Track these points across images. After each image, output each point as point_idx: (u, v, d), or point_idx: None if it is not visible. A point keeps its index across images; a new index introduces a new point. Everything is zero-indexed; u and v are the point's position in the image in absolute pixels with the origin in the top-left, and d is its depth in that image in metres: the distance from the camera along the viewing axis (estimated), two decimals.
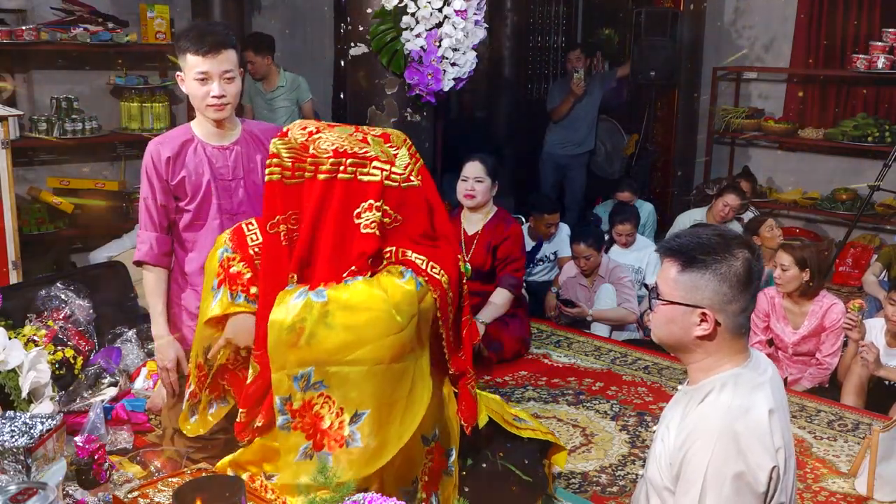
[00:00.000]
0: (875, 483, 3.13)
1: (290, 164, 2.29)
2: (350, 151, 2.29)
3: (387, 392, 2.21)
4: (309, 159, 2.28)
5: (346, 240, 2.27)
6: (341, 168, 2.27)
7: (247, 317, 2.42)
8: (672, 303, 1.82)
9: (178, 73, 2.89)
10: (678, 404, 1.90)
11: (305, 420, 2.20)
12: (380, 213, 2.28)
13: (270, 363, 2.22)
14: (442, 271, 2.34)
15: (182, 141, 2.91)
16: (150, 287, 2.98)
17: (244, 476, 2.38)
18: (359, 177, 2.28)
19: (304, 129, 2.36)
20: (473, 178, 4.30)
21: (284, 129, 2.39)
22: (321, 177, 2.27)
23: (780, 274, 4.21)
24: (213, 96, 2.81)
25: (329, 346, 2.17)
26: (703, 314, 1.79)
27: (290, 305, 2.19)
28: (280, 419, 2.21)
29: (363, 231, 2.26)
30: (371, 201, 2.27)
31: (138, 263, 2.98)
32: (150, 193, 2.89)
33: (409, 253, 2.33)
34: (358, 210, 2.27)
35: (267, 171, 2.31)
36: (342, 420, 2.18)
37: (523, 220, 5.60)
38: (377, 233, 2.27)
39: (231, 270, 2.45)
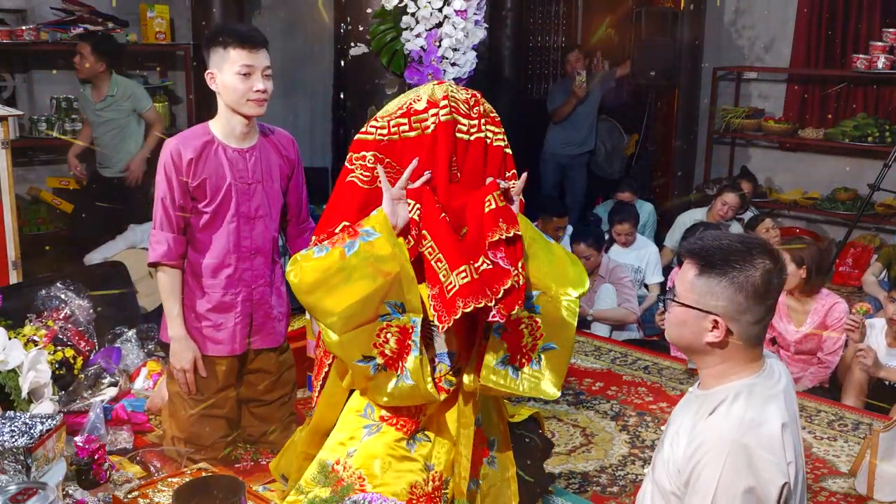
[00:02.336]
0: (875, 483, 3.13)
1: (459, 118, 2.36)
2: (499, 122, 2.47)
3: (572, 343, 2.43)
4: (482, 120, 2.40)
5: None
6: (500, 137, 2.44)
7: (386, 200, 2.31)
8: (685, 305, 1.80)
9: (208, 71, 2.85)
10: (689, 408, 1.87)
11: (510, 333, 2.34)
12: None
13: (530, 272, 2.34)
14: None
15: (203, 142, 2.87)
16: (167, 288, 2.95)
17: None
18: (505, 149, 2.45)
19: (466, 89, 2.44)
20: None
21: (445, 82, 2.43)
22: (480, 136, 2.40)
23: None
24: (257, 90, 2.80)
25: (551, 280, 2.36)
26: (715, 321, 1.76)
27: (532, 226, 2.41)
28: (496, 325, 2.32)
29: (515, 197, 2.43)
30: (514, 171, 2.48)
31: (153, 264, 2.94)
32: (169, 194, 2.85)
33: None
34: (508, 175, 2.47)
35: (442, 113, 2.32)
36: (537, 343, 2.36)
37: None
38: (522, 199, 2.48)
39: (339, 230, 2.34)
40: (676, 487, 1.80)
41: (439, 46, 3.92)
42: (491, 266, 2.24)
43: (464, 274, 2.23)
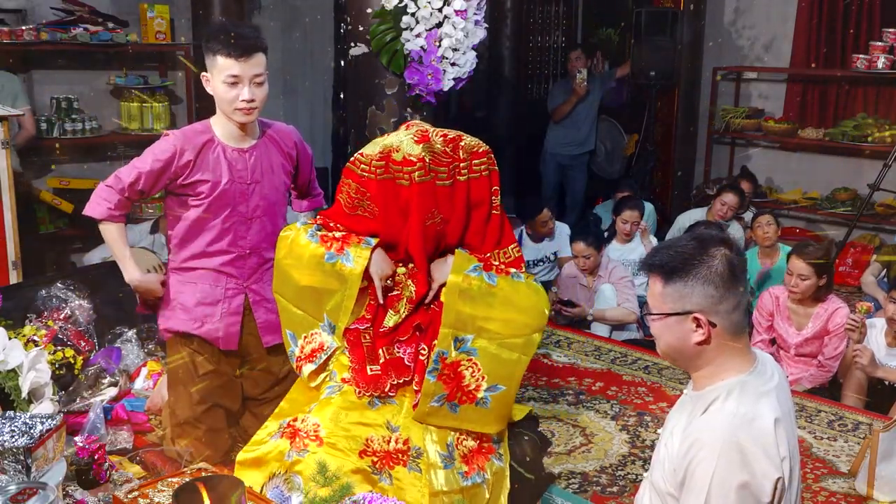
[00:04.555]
0: (875, 483, 3.14)
1: (438, 168, 2.58)
2: (488, 150, 2.68)
3: (519, 377, 2.62)
4: (462, 164, 2.61)
5: (490, 222, 2.69)
6: (484, 166, 2.65)
7: (379, 250, 2.64)
8: (664, 315, 1.82)
9: (203, 73, 2.85)
10: (683, 409, 1.89)
11: (449, 375, 2.53)
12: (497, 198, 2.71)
13: (443, 318, 2.53)
14: None
15: (203, 142, 2.86)
16: (114, 237, 2.91)
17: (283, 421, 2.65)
18: (490, 171, 2.67)
19: (444, 135, 2.63)
20: None
21: (423, 135, 2.62)
22: (473, 176, 2.63)
23: (798, 283, 4.12)
24: (243, 100, 2.77)
25: (488, 324, 2.55)
26: (696, 319, 1.78)
27: (466, 273, 2.57)
28: (430, 367, 2.54)
29: (493, 212, 2.68)
30: (496, 187, 2.69)
31: (91, 218, 2.90)
32: (148, 173, 2.83)
33: (510, 251, 2.72)
34: (493, 189, 2.70)
35: (417, 175, 2.54)
36: (480, 385, 2.54)
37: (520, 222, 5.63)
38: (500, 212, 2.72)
39: (338, 235, 2.64)
40: (672, 487, 1.80)
41: (439, 46, 3.92)
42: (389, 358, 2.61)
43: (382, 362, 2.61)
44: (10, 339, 3.13)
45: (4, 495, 2.04)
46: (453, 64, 3.99)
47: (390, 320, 2.63)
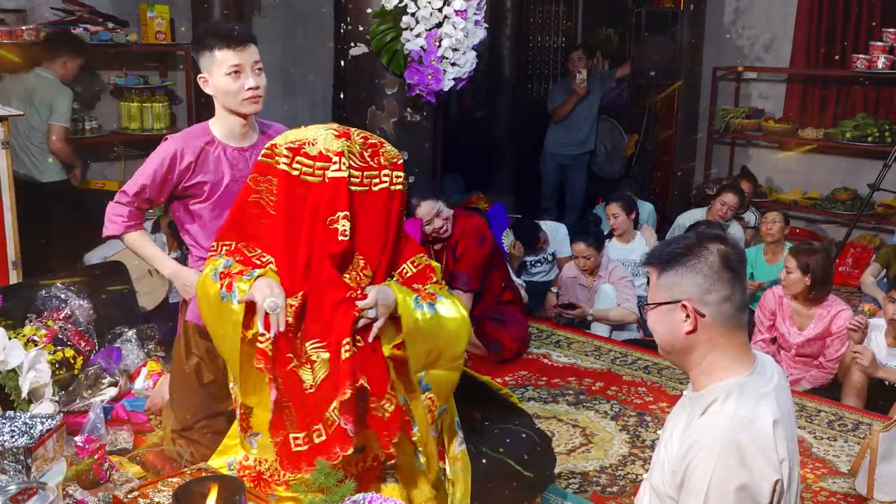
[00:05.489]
0: (875, 483, 3.14)
1: (353, 171, 2.31)
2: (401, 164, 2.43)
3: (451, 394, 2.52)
4: (380, 172, 2.35)
5: (399, 240, 2.45)
6: (400, 179, 2.40)
7: (266, 277, 2.31)
8: (656, 305, 1.85)
9: (200, 75, 2.83)
10: (683, 411, 1.89)
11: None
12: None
13: (411, 366, 2.36)
14: None
15: (203, 143, 2.86)
16: (139, 243, 2.92)
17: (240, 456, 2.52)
18: (403, 189, 2.42)
19: (365, 138, 2.38)
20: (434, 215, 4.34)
21: (345, 131, 2.37)
22: (384, 187, 2.36)
23: (785, 276, 4.23)
24: (249, 88, 2.76)
25: (433, 354, 2.39)
26: (684, 307, 1.80)
27: (414, 310, 2.34)
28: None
29: (401, 231, 2.46)
30: (400, 208, 2.42)
31: (111, 237, 2.91)
32: (152, 181, 2.83)
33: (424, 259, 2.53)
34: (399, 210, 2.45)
35: (332, 166, 2.28)
36: (433, 414, 2.43)
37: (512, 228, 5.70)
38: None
39: (234, 271, 2.37)
40: (672, 490, 1.80)
41: (439, 46, 3.93)
42: (325, 439, 2.30)
43: (317, 433, 2.31)
44: (10, 339, 3.13)
45: (4, 495, 2.04)
46: (453, 64, 3.99)
47: (306, 375, 2.30)
